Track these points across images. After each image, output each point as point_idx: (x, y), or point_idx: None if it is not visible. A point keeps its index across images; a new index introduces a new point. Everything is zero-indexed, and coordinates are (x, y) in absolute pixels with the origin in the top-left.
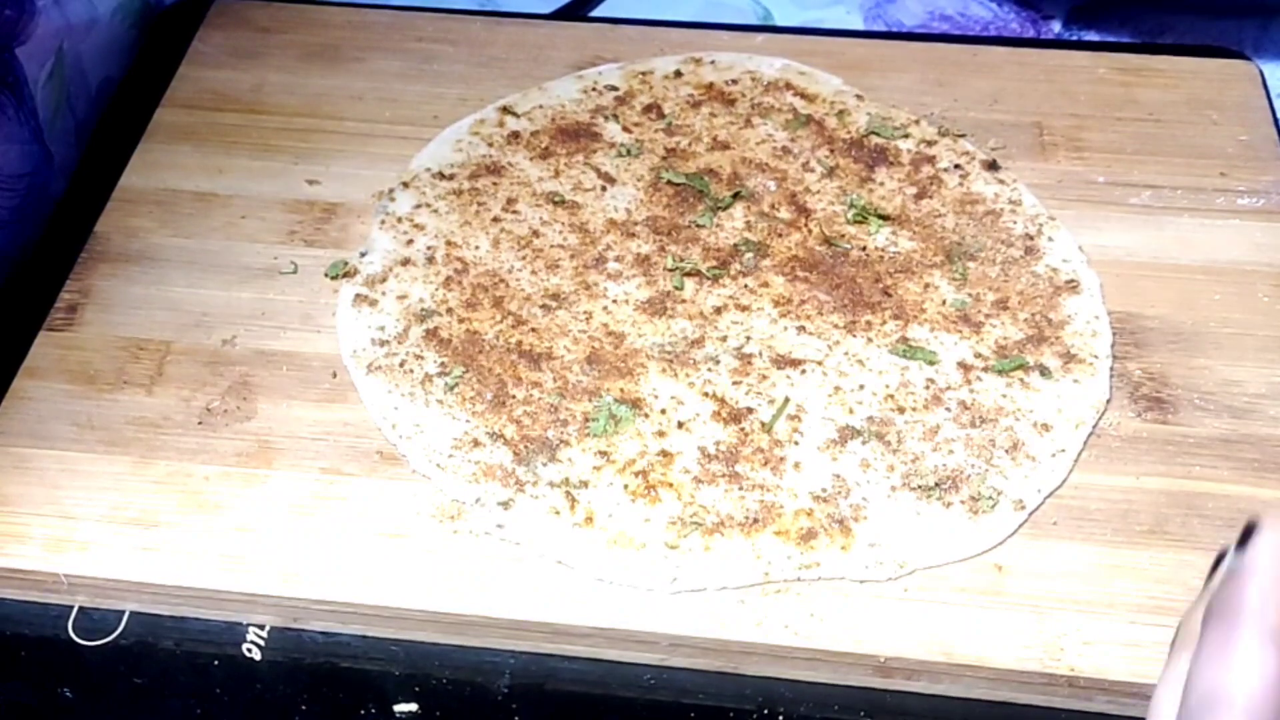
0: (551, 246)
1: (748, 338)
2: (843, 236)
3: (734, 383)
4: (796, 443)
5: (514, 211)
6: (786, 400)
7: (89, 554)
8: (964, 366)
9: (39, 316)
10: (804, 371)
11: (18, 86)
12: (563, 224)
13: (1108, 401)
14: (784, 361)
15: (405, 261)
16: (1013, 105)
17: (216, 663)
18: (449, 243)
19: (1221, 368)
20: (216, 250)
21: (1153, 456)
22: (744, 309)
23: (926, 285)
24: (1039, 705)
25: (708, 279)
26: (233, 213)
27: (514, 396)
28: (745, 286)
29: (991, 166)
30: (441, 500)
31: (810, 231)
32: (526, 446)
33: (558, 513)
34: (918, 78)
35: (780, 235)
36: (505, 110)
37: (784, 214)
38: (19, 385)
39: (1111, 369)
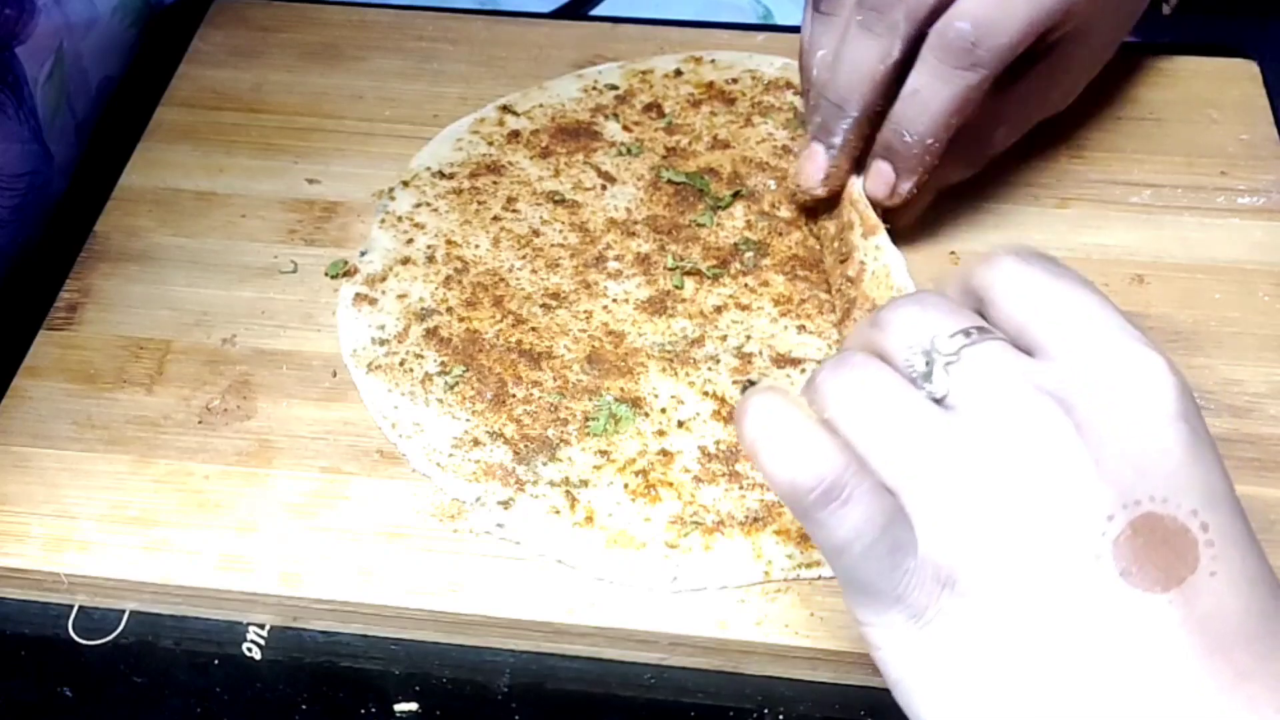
0: (551, 245)
1: (748, 337)
2: None
3: (734, 382)
4: None
5: (514, 210)
6: None
7: (89, 553)
8: None
9: (39, 316)
10: (804, 370)
11: (17, 86)
12: (563, 223)
13: None
14: (784, 360)
15: (405, 260)
16: None
17: (216, 662)
18: (449, 242)
19: (1222, 367)
20: (216, 249)
21: None
22: (744, 308)
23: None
24: None
25: (708, 278)
26: (233, 212)
27: (514, 395)
28: (745, 285)
29: None
30: (441, 499)
31: (811, 230)
32: (526, 445)
33: (558, 512)
34: None
35: (780, 234)
36: (505, 109)
37: (784, 213)
38: (19, 384)
39: None
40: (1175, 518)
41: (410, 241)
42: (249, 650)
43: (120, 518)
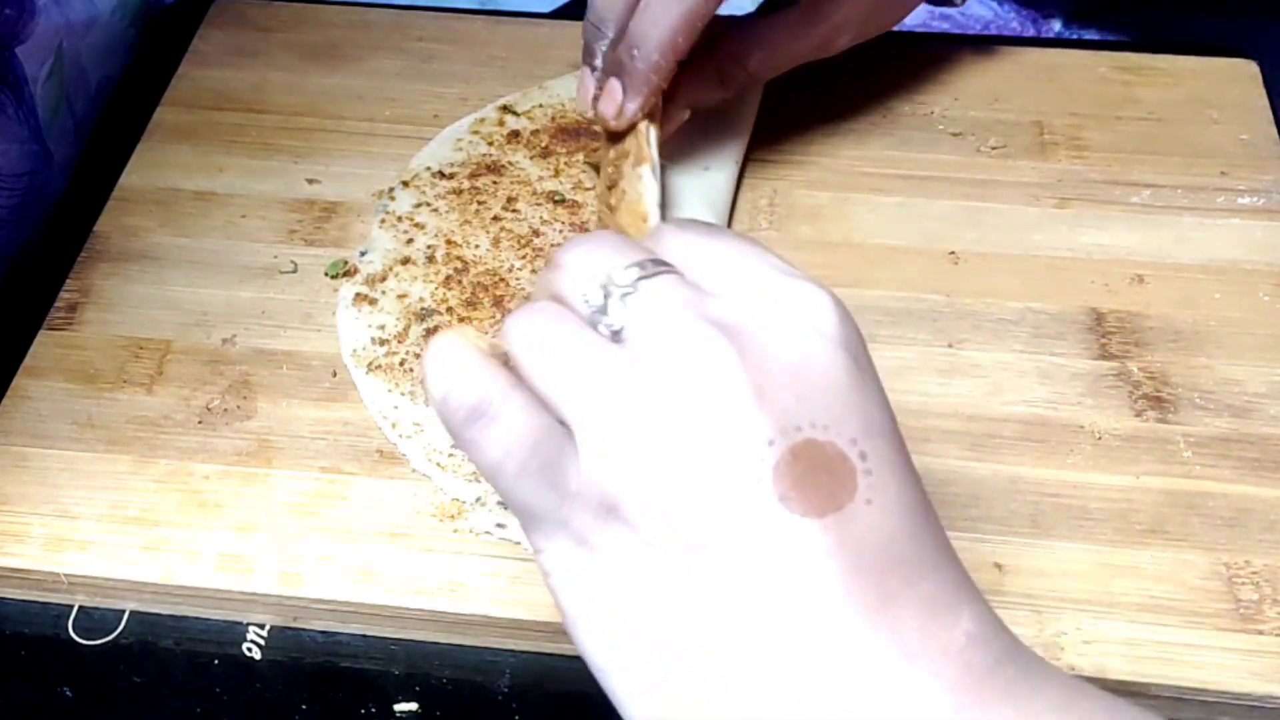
0: (552, 245)
1: None
2: None
3: None
4: None
5: (514, 210)
6: None
7: (89, 554)
8: None
9: (39, 316)
10: None
11: (17, 85)
12: (563, 223)
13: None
14: None
15: (405, 260)
16: (1013, 104)
17: (216, 662)
18: (449, 241)
19: (1221, 367)
20: (216, 249)
21: (1153, 456)
22: None
23: None
24: None
25: None
26: (233, 212)
27: None
28: None
29: None
30: (441, 499)
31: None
32: None
33: None
34: (918, 76)
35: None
36: (505, 109)
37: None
38: (19, 384)
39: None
40: (835, 444)
41: (410, 241)
42: (249, 650)
43: (120, 518)
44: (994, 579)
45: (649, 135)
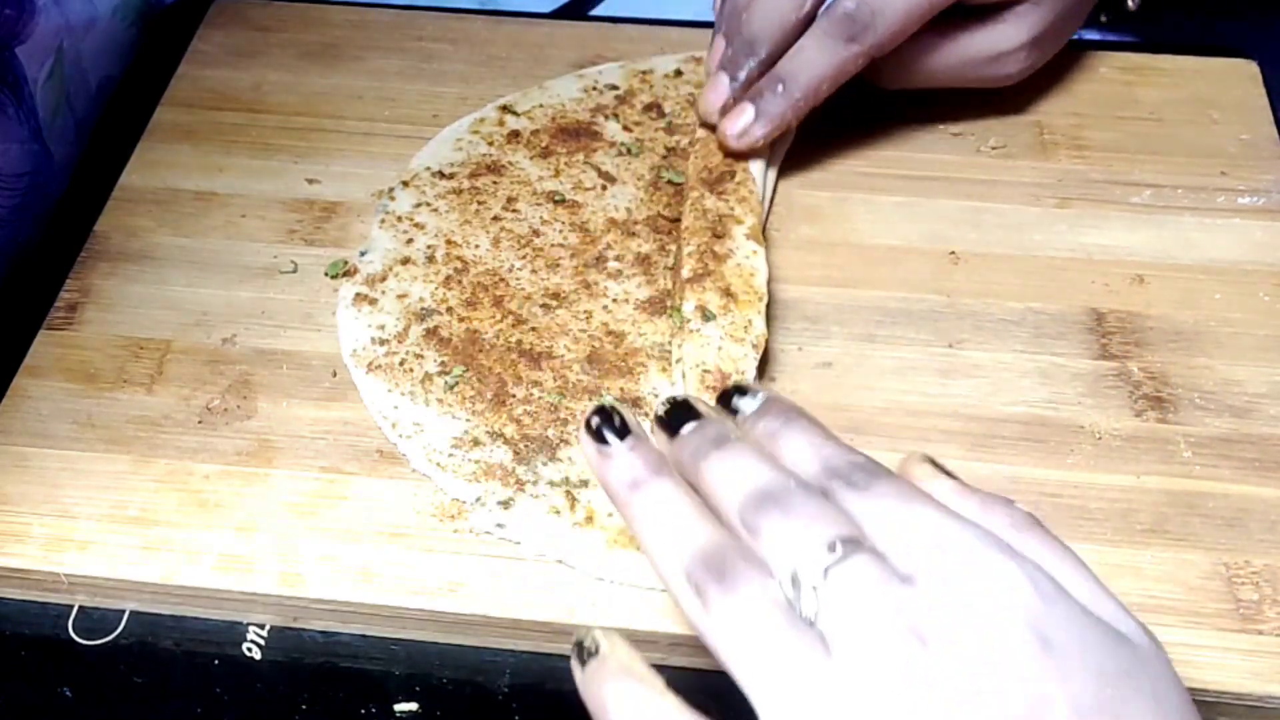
0: (552, 245)
1: None
2: None
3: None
4: None
5: (514, 210)
6: None
7: (89, 553)
8: None
9: (39, 315)
10: None
11: (17, 86)
12: (563, 223)
13: None
14: None
15: (405, 260)
16: (1013, 104)
17: (216, 662)
18: (449, 241)
19: (1222, 367)
20: (216, 249)
21: (1153, 456)
22: None
23: None
24: None
25: None
26: (232, 212)
27: (514, 395)
28: None
29: None
30: (441, 499)
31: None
32: (527, 445)
33: (558, 512)
34: None
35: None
36: (505, 109)
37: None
38: (19, 384)
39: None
40: None
41: (410, 241)
42: (249, 650)
43: (120, 518)
44: None
45: (763, 206)
